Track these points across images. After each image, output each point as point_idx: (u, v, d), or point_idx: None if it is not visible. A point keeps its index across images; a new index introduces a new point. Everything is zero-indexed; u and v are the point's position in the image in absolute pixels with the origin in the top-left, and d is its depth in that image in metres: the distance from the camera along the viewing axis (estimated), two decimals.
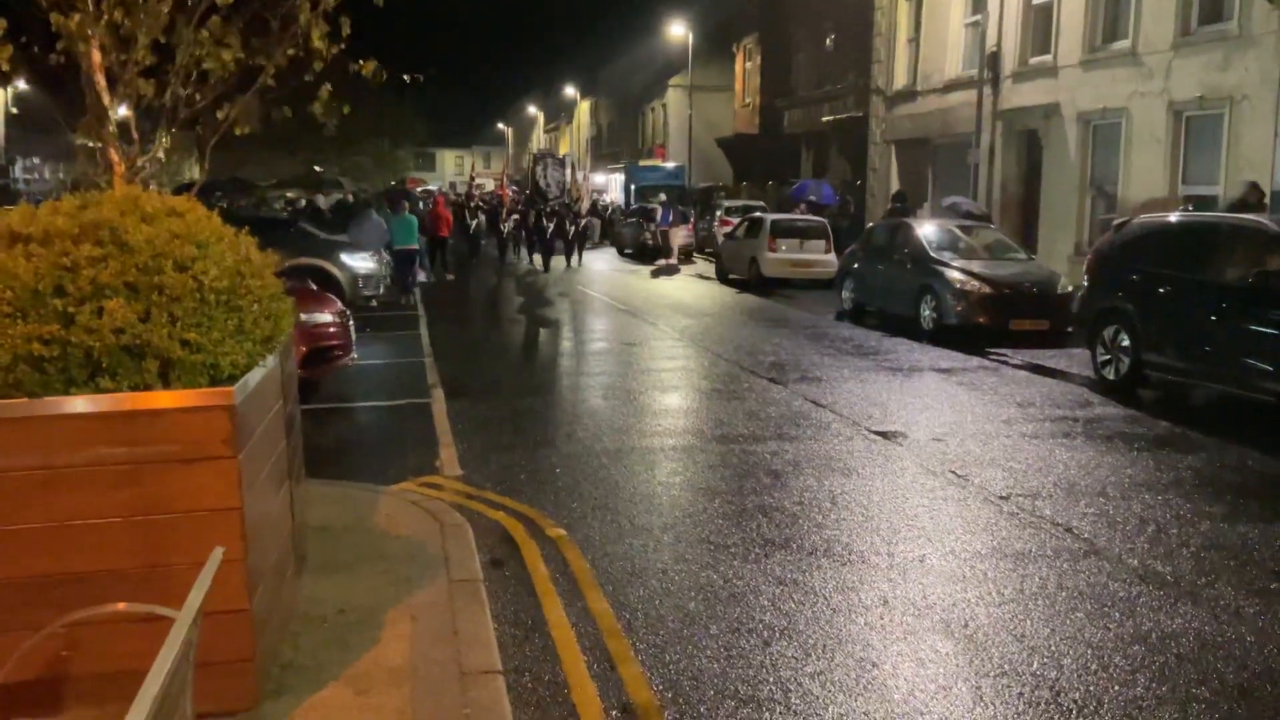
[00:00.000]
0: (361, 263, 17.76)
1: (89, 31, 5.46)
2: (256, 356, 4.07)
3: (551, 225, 29.22)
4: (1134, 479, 7.92)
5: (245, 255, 4.24)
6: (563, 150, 61.05)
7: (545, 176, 37.72)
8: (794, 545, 6.36)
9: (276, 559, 4.45)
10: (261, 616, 4.00)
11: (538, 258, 29.28)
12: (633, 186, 46.18)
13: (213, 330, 3.83)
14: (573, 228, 30.56)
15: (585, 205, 37.67)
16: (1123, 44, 19.18)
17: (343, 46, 6.44)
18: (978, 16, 23.46)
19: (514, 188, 42.83)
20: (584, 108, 72.86)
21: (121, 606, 3.01)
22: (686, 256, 31.25)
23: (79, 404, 3.63)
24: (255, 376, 4.02)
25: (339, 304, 11.28)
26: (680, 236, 30.57)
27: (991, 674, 4.67)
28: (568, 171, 39.84)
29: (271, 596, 4.26)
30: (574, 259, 30.33)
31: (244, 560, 3.75)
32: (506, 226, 31.88)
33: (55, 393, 3.62)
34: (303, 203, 35.40)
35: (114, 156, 5.84)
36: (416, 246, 21.27)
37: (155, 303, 3.75)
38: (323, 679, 4.31)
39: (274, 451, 4.48)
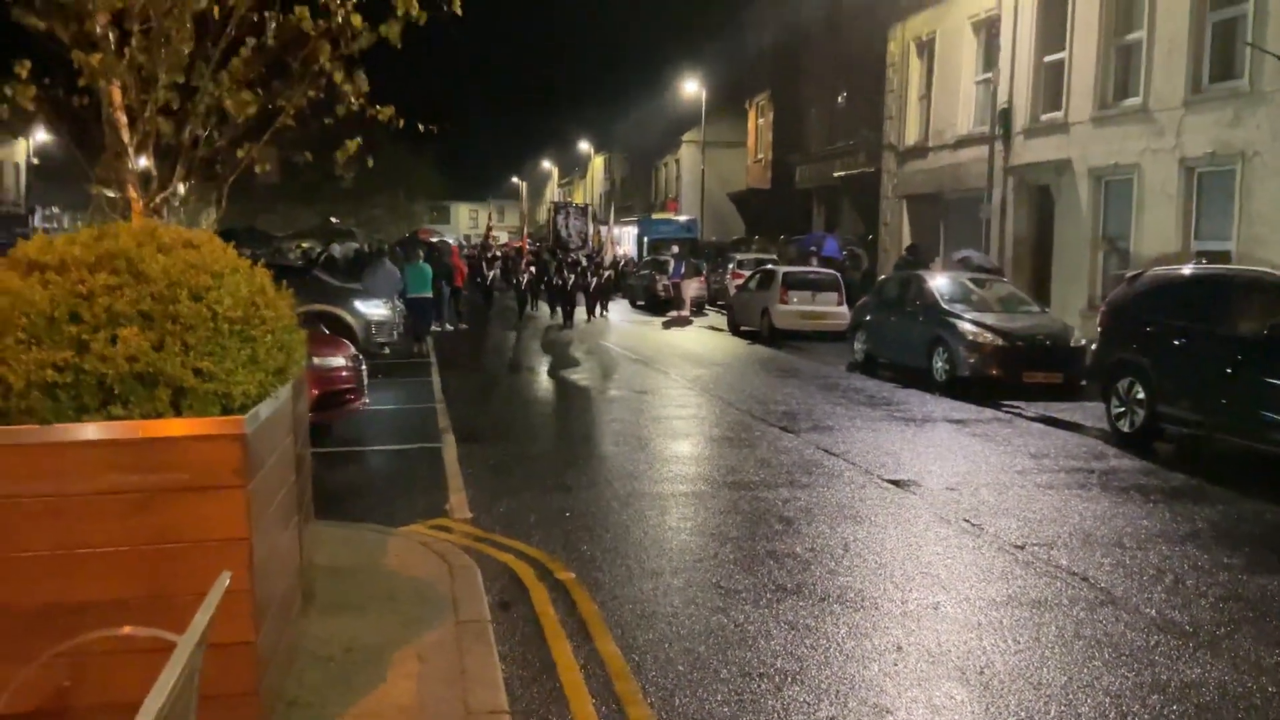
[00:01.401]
0: (375, 310, 17.84)
1: (111, 70, 5.54)
2: (269, 387, 4.07)
3: (572, 277, 28.22)
4: (1150, 530, 7.83)
5: (260, 286, 4.26)
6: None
7: (567, 226, 37.37)
8: (806, 591, 6.29)
9: (283, 593, 4.41)
10: (267, 650, 3.96)
11: (558, 310, 28.31)
12: (645, 239, 46.44)
13: (225, 359, 3.84)
14: (594, 279, 29.46)
15: (609, 257, 37.06)
16: (1134, 101, 19.31)
17: (362, 101, 6.50)
18: (989, 74, 23.68)
19: (533, 242, 42.44)
20: (598, 162, 73.59)
21: (127, 630, 2.98)
22: (698, 309, 31.31)
23: (90, 431, 3.62)
24: (267, 408, 4.01)
25: (352, 349, 11.31)
26: (692, 289, 30.66)
27: None
28: (590, 221, 39.51)
29: (278, 631, 4.21)
30: (596, 312, 29.36)
31: (251, 591, 3.71)
32: (524, 278, 30.88)
33: (67, 419, 3.62)
34: (318, 252, 35.65)
35: (132, 194, 5.89)
36: (430, 295, 21.36)
37: (169, 331, 3.76)
38: (328, 717, 4.25)
39: (283, 485, 4.46)
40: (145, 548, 3.66)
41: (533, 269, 31.59)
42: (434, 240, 34.90)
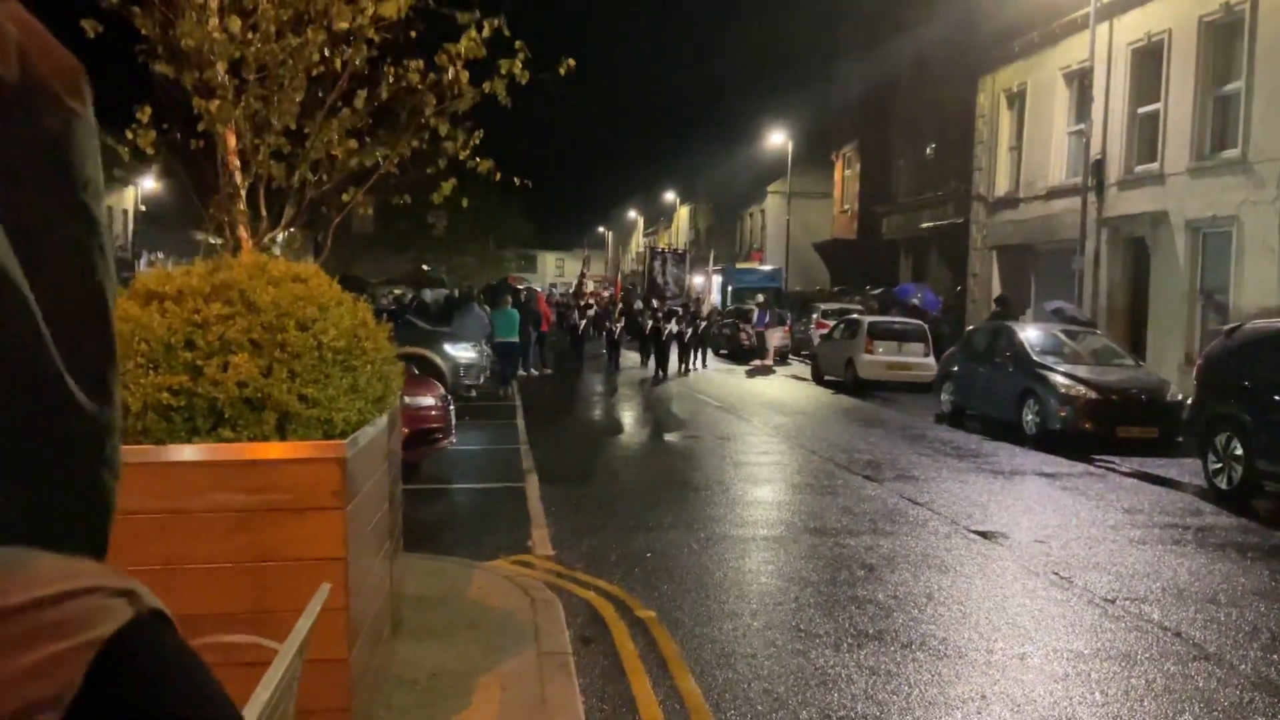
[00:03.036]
0: (463, 353, 18.21)
1: (228, 116, 5.86)
2: (368, 414, 4.24)
3: (668, 326, 26.83)
4: (1247, 587, 7.59)
5: (362, 320, 4.46)
6: None
7: (664, 273, 36.79)
8: (888, 637, 6.24)
9: (375, 616, 4.55)
10: (359, 669, 4.09)
11: (651, 361, 27.17)
12: (729, 288, 46.49)
13: (329, 387, 4.02)
14: (690, 329, 28.15)
15: (707, 306, 35.95)
16: (1232, 152, 18.92)
17: (464, 153, 6.74)
18: (1081, 125, 23.39)
19: (626, 290, 41.57)
20: (683, 212, 74.18)
21: (232, 637, 3.13)
22: (782, 358, 31.18)
23: (201, 452, 3.82)
24: (366, 434, 4.18)
25: (441, 389, 11.57)
26: (776, 338, 30.51)
27: None
28: (686, 269, 38.56)
29: (369, 652, 4.35)
30: (691, 363, 28.24)
31: (346, 610, 3.85)
32: (617, 327, 29.34)
33: (179, 441, 3.83)
34: (410, 297, 36.48)
35: (243, 233, 6.20)
36: (517, 340, 21.71)
37: (277, 359, 3.96)
38: None
39: (378, 510, 4.62)
40: (248, 564, 3.83)
41: (624, 318, 30.58)
42: (522, 287, 35.33)
